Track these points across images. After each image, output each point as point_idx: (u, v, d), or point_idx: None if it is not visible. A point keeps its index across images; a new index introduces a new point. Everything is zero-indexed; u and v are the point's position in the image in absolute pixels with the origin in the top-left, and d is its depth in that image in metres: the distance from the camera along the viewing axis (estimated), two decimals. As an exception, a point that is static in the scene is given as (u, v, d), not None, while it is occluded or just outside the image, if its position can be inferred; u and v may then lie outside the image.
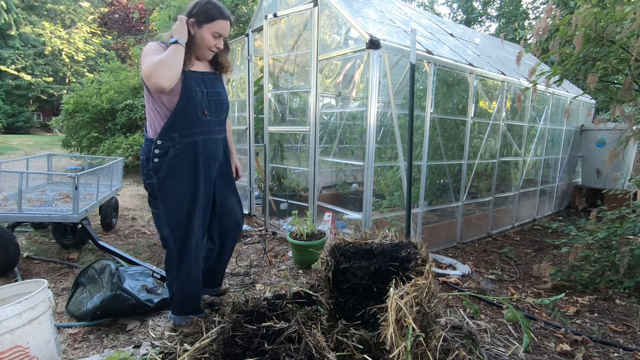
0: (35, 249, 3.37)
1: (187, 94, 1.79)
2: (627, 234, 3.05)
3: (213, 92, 1.92)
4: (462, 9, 15.04)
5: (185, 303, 2.07)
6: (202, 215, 1.99)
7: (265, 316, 1.74)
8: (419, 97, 3.66)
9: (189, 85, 1.79)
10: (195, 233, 1.96)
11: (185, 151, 1.83)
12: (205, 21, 1.79)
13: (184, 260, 1.96)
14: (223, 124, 2.04)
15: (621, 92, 2.71)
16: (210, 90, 1.90)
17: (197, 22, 1.80)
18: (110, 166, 3.70)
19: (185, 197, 1.87)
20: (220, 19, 1.81)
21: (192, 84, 1.81)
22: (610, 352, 2.07)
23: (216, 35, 1.84)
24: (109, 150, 7.44)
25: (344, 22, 3.45)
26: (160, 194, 1.85)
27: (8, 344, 1.51)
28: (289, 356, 1.36)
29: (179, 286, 2.03)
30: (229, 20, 1.86)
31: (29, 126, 24.13)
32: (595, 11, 2.62)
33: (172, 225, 1.90)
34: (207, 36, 1.82)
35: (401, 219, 3.51)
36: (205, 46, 1.85)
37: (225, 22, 1.85)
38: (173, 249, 1.95)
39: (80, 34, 23.19)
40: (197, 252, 2.01)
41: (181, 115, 1.80)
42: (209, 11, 1.79)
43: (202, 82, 1.88)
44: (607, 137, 5.55)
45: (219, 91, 1.96)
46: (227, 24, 1.85)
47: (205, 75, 1.91)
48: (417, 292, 1.52)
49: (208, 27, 1.80)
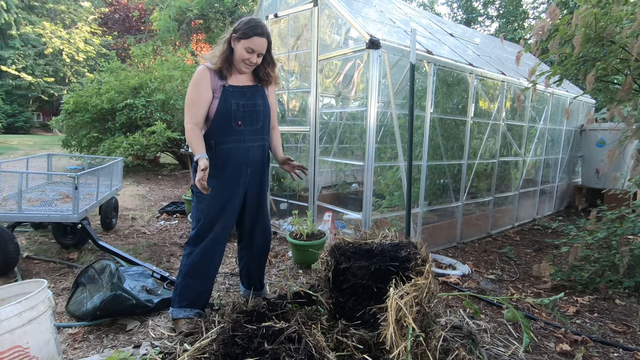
0: (35, 249, 3.37)
1: (223, 107, 2.00)
2: (627, 234, 3.05)
3: (249, 104, 2.08)
4: (462, 9, 15.04)
5: (186, 296, 2.09)
6: (229, 215, 2.13)
7: (265, 316, 1.74)
8: (419, 97, 3.66)
9: (225, 99, 2.01)
10: (216, 230, 2.08)
11: (219, 156, 2.03)
12: (243, 37, 1.97)
13: (197, 253, 2.06)
14: (259, 132, 2.16)
15: (621, 92, 2.71)
16: (247, 102, 2.07)
17: (237, 38, 1.99)
18: (110, 166, 3.70)
19: (215, 197, 2.03)
20: (255, 37, 1.97)
21: (229, 98, 2.02)
22: (610, 352, 2.08)
23: (249, 50, 1.99)
24: (109, 150, 7.43)
25: (344, 22, 3.45)
26: (196, 190, 2.03)
27: (8, 344, 1.51)
28: (289, 356, 1.36)
29: (184, 276, 2.08)
30: (264, 38, 2.00)
31: (29, 126, 24.12)
32: (595, 11, 2.62)
33: (200, 218, 2.06)
34: (241, 50, 1.98)
35: (401, 219, 3.51)
36: (239, 59, 2.00)
37: (261, 39, 1.99)
38: (191, 239, 2.09)
39: (80, 34, 23.17)
40: (212, 248, 2.10)
41: (218, 125, 2.02)
42: (247, 29, 1.97)
43: (241, 95, 2.06)
44: (607, 137, 5.55)
45: (255, 102, 2.11)
46: (262, 40, 1.99)
47: (244, 89, 2.09)
48: (417, 292, 1.52)
49: (243, 43, 1.97)
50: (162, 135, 7.35)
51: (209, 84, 1.99)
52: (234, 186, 2.10)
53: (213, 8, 15.70)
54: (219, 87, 2.00)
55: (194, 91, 1.98)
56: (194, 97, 1.97)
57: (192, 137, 1.95)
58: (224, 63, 2.00)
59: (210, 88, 1.99)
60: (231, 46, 2.01)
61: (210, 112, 2.01)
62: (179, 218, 4.73)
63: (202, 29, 17.09)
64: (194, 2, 15.12)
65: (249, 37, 1.96)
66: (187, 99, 1.99)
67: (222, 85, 2.01)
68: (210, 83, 1.99)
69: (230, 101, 2.01)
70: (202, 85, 1.98)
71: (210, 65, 2.01)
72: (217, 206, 2.06)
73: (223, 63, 2.00)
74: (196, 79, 1.99)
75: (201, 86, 1.98)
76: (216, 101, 2.00)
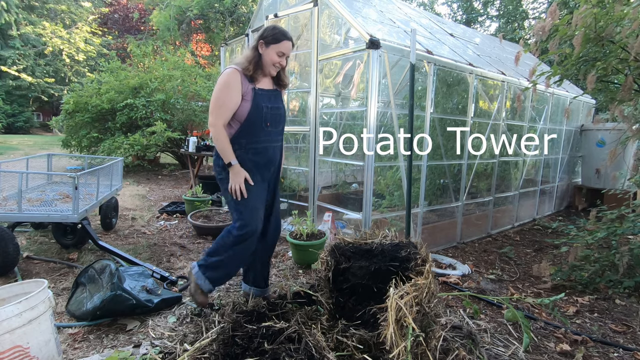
0: (35, 249, 3.37)
1: (256, 109, 2.11)
2: (626, 234, 3.05)
3: (275, 107, 2.22)
4: (462, 9, 15.04)
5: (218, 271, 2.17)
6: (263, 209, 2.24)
7: (265, 316, 1.74)
8: (419, 97, 3.66)
9: (257, 102, 2.11)
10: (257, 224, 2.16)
11: (250, 155, 2.15)
12: (272, 42, 2.11)
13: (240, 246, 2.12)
14: (281, 134, 2.33)
15: (621, 92, 2.71)
16: (273, 105, 2.20)
17: (265, 43, 2.12)
18: (110, 166, 3.70)
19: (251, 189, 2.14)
20: (284, 40, 2.12)
21: (260, 101, 2.13)
22: (610, 352, 2.08)
23: (280, 54, 2.14)
24: (109, 150, 7.43)
25: (344, 22, 3.45)
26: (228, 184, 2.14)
27: (8, 344, 1.51)
28: (289, 356, 1.36)
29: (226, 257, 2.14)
30: (291, 41, 2.17)
31: (29, 126, 24.10)
32: (595, 11, 2.62)
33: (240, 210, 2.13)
34: (273, 54, 2.13)
35: (401, 219, 3.51)
36: (270, 62, 2.14)
37: (289, 42, 2.15)
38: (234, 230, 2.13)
39: (80, 34, 23.16)
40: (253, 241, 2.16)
41: (249, 126, 2.12)
42: (276, 34, 2.11)
43: (268, 98, 2.18)
44: (607, 137, 5.56)
45: (279, 106, 2.26)
46: (289, 44, 2.16)
47: (270, 93, 2.22)
48: (417, 292, 1.52)
49: (274, 47, 2.12)
50: (162, 135, 7.35)
51: (239, 87, 2.07)
52: (264, 183, 2.25)
53: (213, 8, 15.70)
54: (249, 91, 2.09)
55: (224, 92, 2.05)
56: (224, 99, 2.05)
57: (223, 140, 2.06)
58: (253, 68, 2.11)
59: (241, 91, 2.07)
60: (259, 52, 2.13)
61: (241, 113, 2.09)
62: (179, 218, 4.73)
63: (202, 29, 17.09)
64: (194, 2, 15.12)
65: (280, 42, 2.10)
66: (217, 99, 2.05)
67: (253, 88, 2.11)
68: (242, 86, 2.07)
69: (262, 104, 2.13)
70: (233, 88, 2.06)
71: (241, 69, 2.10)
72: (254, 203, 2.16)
73: (254, 68, 2.11)
74: (228, 81, 2.05)
75: (232, 89, 2.06)
76: (247, 104, 2.09)
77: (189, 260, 3.30)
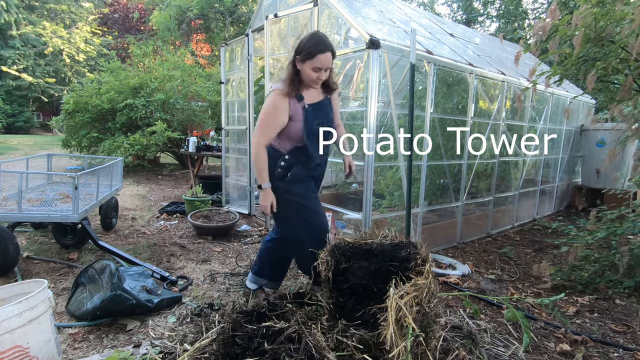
0: (35, 249, 3.37)
1: (307, 129, 2.09)
2: (626, 234, 3.05)
3: (325, 121, 2.18)
4: (462, 9, 15.03)
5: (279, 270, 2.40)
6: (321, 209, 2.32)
7: (265, 316, 1.74)
8: (419, 97, 3.66)
9: (308, 121, 2.08)
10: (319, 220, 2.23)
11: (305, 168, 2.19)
12: (307, 58, 1.98)
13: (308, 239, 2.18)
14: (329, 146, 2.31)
15: (621, 92, 2.71)
16: (323, 119, 2.16)
17: (301, 60, 2.01)
18: (110, 166, 3.70)
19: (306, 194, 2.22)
20: (318, 55, 1.96)
21: (310, 119, 2.09)
22: (610, 352, 2.08)
23: (316, 69, 2.01)
24: (109, 150, 7.43)
25: (344, 22, 3.45)
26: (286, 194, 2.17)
27: (8, 344, 1.51)
28: (289, 356, 1.36)
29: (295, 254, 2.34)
30: (329, 52, 1.99)
31: (29, 126, 24.11)
32: (595, 11, 2.62)
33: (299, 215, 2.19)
34: (309, 71, 2.01)
35: (401, 219, 3.51)
36: (310, 79, 2.05)
37: (325, 54, 1.98)
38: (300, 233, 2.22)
39: (81, 34, 23.16)
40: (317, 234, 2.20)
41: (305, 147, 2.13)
42: (309, 49, 1.96)
43: (318, 112, 2.14)
44: (607, 137, 5.55)
45: (330, 118, 2.21)
46: (325, 56, 1.99)
47: (319, 105, 2.15)
48: (417, 292, 1.52)
49: (309, 63, 1.99)
50: (162, 135, 7.35)
51: (287, 109, 2.04)
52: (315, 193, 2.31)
53: (213, 8, 15.69)
54: (299, 111, 2.07)
55: (272, 115, 2.03)
56: (271, 121, 2.04)
57: (262, 161, 2.06)
58: (295, 86, 2.05)
59: (289, 113, 2.04)
60: (296, 67, 2.04)
61: (295, 134, 2.09)
62: (179, 218, 4.74)
63: (202, 29, 17.09)
64: (194, 2, 15.11)
65: (314, 57, 1.97)
66: (264, 121, 2.04)
67: (302, 107, 2.08)
68: (290, 108, 2.04)
69: (312, 122, 2.10)
70: (281, 111, 2.04)
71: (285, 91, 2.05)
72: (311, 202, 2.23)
73: (294, 87, 2.04)
74: (276, 104, 2.03)
75: (280, 111, 2.04)
76: (299, 124, 2.07)
77: (189, 260, 3.30)
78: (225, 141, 5.40)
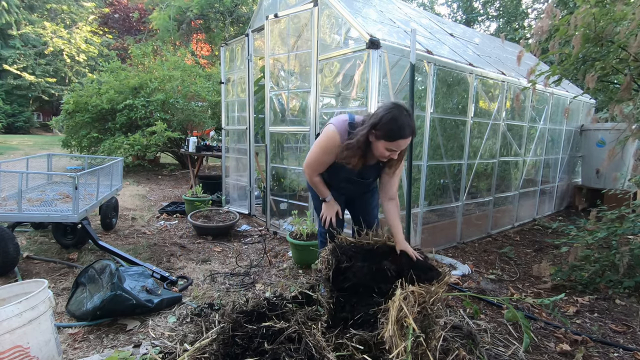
0: (35, 249, 3.37)
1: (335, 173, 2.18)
2: (627, 234, 3.05)
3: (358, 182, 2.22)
4: (462, 9, 15.03)
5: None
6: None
7: (265, 316, 1.74)
8: (419, 97, 3.66)
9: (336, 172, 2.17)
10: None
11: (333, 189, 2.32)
12: (384, 138, 1.86)
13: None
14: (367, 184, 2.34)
15: (620, 91, 2.71)
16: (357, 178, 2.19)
17: (378, 136, 1.87)
18: (110, 166, 3.70)
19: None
20: (399, 140, 1.86)
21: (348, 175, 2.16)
22: (610, 352, 2.08)
23: (390, 150, 1.90)
24: (109, 150, 7.43)
25: (344, 22, 3.45)
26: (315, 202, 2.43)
27: (8, 344, 1.51)
28: (289, 356, 1.36)
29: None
30: (409, 138, 1.89)
31: (29, 126, 24.10)
32: (595, 11, 2.62)
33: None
34: (382, 149, 1.91)
35: (401, 219, 3.51)
36: (377, 155, 1.96)
37: (405, 140, 1.88)
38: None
39: (81, 34, 23.16)
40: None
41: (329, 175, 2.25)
42: (391, 131, 1.84)
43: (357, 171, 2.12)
44: (607, 137, 5.55)
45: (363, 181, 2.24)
46: (405, 142, 1.89)
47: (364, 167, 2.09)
48: (422, 296, 1.52)
49: (385, 143, 1.87)
50: (162, 135, 7.35)
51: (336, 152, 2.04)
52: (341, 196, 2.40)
53: (213, 8, 15.69)
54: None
55: (322, 156, 2.11)
56: (321, 160, 2.14)
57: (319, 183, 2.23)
58: (362, 158, 1.98)
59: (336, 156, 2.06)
60: (369, 139, 1.92)
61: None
62: (179, 218, 4.73)
63: (202, 29, 17.08)
64: (193, 2, 15.11)
65: (394, 141, 1.85)
66: (315, 158, 2.14)
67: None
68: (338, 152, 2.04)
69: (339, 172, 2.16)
70: (331, 154, 2.08)
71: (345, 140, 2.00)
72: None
73: (359, 158, 1.97)
74: (328, 147, 2.07)
75: (330, 154, 2.09)
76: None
77: (189, 260, 3.30)
78: (225, 141, 5.41)
